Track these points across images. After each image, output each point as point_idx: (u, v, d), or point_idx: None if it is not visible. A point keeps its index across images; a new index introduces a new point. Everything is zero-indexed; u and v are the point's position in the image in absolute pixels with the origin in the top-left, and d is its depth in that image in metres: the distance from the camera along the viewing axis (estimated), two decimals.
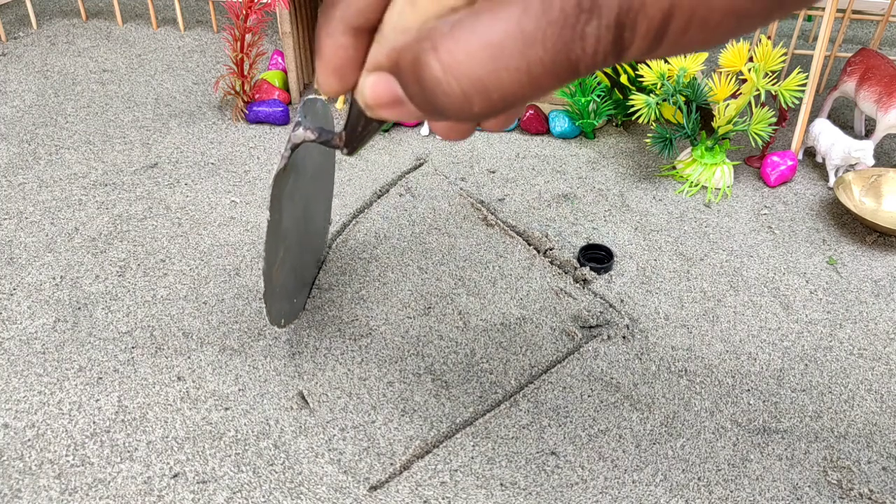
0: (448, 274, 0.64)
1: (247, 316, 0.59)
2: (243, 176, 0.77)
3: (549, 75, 0.17)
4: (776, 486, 0.48)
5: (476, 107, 0.18)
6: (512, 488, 0.47)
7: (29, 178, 0.76)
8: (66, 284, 0.62)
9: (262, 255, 0.50)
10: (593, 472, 0.48)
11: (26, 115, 0.87)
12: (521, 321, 0.60)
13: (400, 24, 0.19)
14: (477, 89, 0.17)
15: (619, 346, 0.58)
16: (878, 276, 0.66)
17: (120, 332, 0.57)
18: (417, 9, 0.19)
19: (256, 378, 0.54)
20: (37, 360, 0.55)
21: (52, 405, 0.51)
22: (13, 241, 0.67)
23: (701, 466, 0.49)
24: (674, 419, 0.52)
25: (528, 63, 0.17)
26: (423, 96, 0.18)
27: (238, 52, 0.83)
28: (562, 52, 0.16)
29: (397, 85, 0.19)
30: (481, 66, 0.17)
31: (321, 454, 0.49)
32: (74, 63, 1.00)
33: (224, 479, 0.47)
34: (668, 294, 0.63)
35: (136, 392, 0.52)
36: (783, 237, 0.71)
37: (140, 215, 0.71)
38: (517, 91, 0.17)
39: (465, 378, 0.55)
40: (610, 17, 0.16)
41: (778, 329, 0.60)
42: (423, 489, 0.47)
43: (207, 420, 0.51)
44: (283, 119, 0.86)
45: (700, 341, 0.59)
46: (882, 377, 0.56)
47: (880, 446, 0.51)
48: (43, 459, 0.48)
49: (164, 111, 0.89)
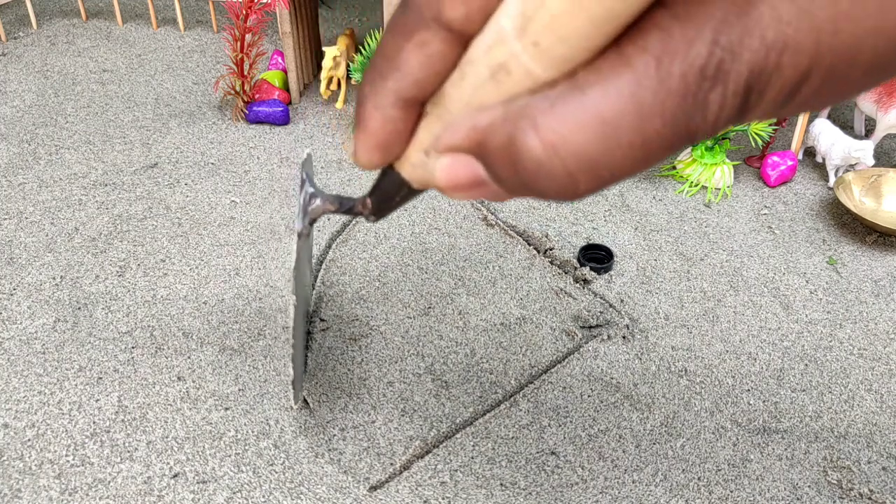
0: (448, 274, 0.64)
1: (247, 316, 0.59)
2: (243, 176, 0.77)
3: (664, 147, 0.16)
4: (776, 486, 0.48)
5: (582, 186, 0.16)
6: (512, 488, 0.47)
7: (29, 178, 0.76)
8: (66, 284, 0.62)
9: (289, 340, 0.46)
10: (593, 472, 0.48)
11: (26, 115, 0.87)
12: (521, 321, 0.60)
13: (475, 100, 0.18)
14: (585, 168, 0.16)
15: (619, 346, 0.58)
16: (878, 276, 0.66)
17: (120, 332, 0.57)
18: (502, 84, 0.17)
19: (256, 378, 0.54)
20: (37, 360, 0.55)
21: (52, 405, 0.51)
22: (13, 241, 0.67)
23: (701, 466, 0.49)
24: (674, 419, 0.52)
25: (644, 137, 0.15)
26: (518, 179, 0.17)
27: (238, 51, 0.83)
28: (681, 122, 0.15)
29: (480, 167, 0.18)
30: (592, 145, 0.15)
31: (321, 454, 0.49)
32: (74, 63, 1.00)
33: (224, 479, 0.47)
34: (668, 294, 0.63)
35: (136, 392, 0.52)
36: (783, 237, 0.71)
37: (140, 215, 0.71)
38: (629, 166, 0.16)
39: (465, 378, 0.55)
40: (738, 83, 0.15)
41: (778, 329, 0.60)
42: (423, 489, 0.47)
43: (207, 420, 0.51)
44: (283, 119, 0.86)
45: (700, 341, 0.59)
46: (882, 377, 0.56)
47: (880, 446, 0.51)
48: (43, 459, 0.48)
49: (164, 111, 0.89)
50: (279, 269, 0.64)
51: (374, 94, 0.19)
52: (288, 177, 0.77)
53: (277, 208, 0.72)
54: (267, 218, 0.71)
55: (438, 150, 0.19)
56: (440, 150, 0.19)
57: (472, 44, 0.18)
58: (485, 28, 0.17)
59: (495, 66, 0.17)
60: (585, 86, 0.15)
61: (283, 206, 0.73)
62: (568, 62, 0.16)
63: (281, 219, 0.71)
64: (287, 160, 0.80)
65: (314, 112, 0.89)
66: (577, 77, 0.16)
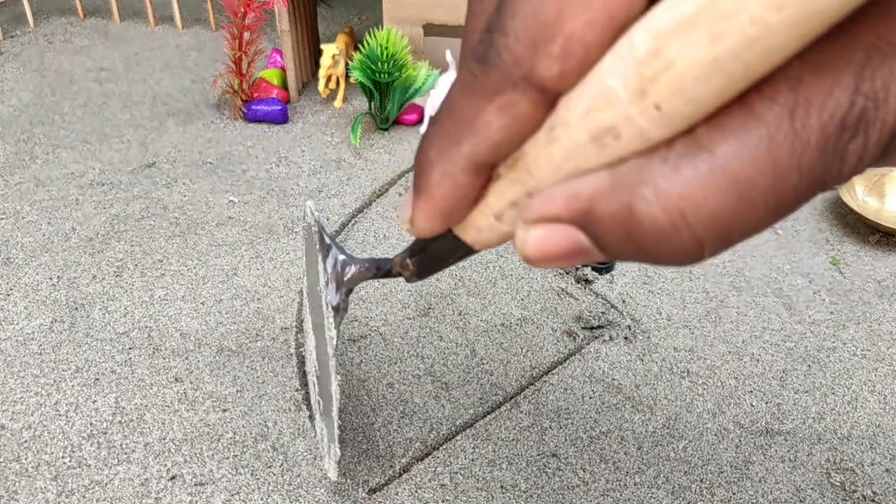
0: (448, 274, 0.64)
1: (245, 317, 0.59)
2: (241, 175, 0.77)
3: (798, 202, 0.15)
4: (779, 488, 0.47)
5: (708, 250, 0.15)
6: (513, 491, 0.47)
7: (26, 177, 0.75)
8: (63, 285, 0.61)
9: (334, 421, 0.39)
10: (594, 475, 0.48)
11: (23, 113, 0.87)
12: (521, 322, 0.59)
13: (569, 164, 0.16)
14: (714, 232, 0.15)
15: (621, 348, 0.57)
16: (882, 277, 0.66)
17: (117, 332, 0.57)
18: (607, 148, 0.15)
19: (255, 379, 0.53)
20: (33, 361, 0.54)
21: (49, 406, 0.51)
22: (10, 241, 0.66)
23: (703, 469, 0.48)
24: (676, 421, 0.52)
25: (779, 194, 0.14)
26: (633, 247, 0.15)
27: (236, 50, 0.83)
28: (818, 175, 0.14)
29: (581, 236, 0.16)
30: (723, 207, 0.14)
31: (320, 456, 0.48)
32: (71, 62, 0.99)
33: (222, 482, 0.46)
34: (670, 294, 0.63)
35: (134, 393, 0.52)
36: (786, 237, 0.71)
37: (137, 215, 0.70)
38: (761, 225, 0.15)
39: (465, 380, 0.54)
40: (883, 132, 0.13)
41: (781, 330, 0.60)
42: (423, 492, 0.46)
43: (205, 422, 0.50)
44: (282, 118, 0.85)
45: (703, 342, 0.58)
46: (886, 378, 0.56)
47: (884, 448, 0.50)
48: (40, 461, 0.47)
49: (161, 110, 0.89)
50: (280, 275, 0.64)
51: (444, 160, 0.18)
52: (287, 176, 0.77)
53: (276, 208, 0.72)
54: (265, 218, 0.70)
55: (528, 221, 0.17)
56: (530, 221, 0.17)
57: (563, 103, 0.16)
58: (580, 87, 0.15)
59: (600, 129, 0.15)
60: (711, 144, 0.14)
61: (281, 205, 0.72)
62: (689, 121, 0.15)
63: (279, 219, 0.70)
64: (286, 159, 0.80)
65: (313, 111, 0.89)
66: (697, 135, 0.14)
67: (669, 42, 0.14)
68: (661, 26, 0.14)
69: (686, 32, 0.13)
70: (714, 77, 0.14)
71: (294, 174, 0.77)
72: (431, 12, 0.84)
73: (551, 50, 0.15)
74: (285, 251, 0.66)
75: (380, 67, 0.78)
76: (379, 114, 0.84)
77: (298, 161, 0.79)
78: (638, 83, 0.14)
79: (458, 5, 0.83)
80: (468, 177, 0.18)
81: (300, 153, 0.81)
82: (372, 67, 0.79)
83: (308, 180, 0.76)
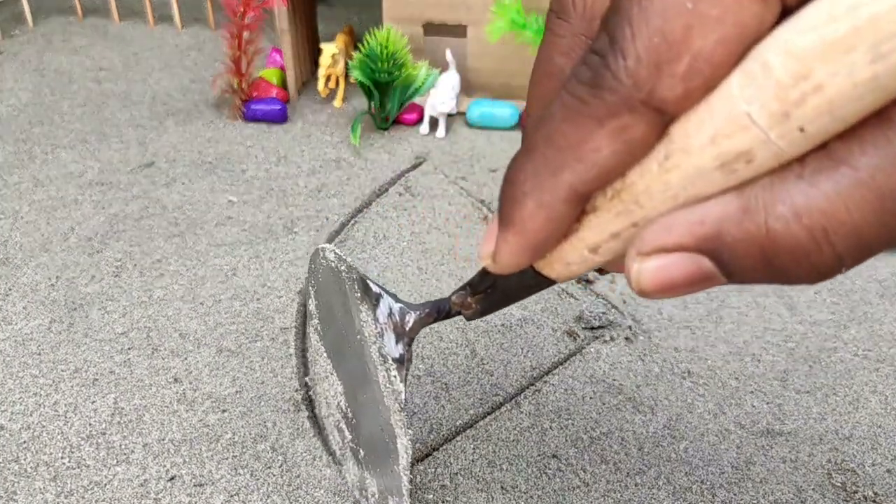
0: (448, 274, 0.64)
1: (244, 317, 0.59)
2: (241, 175, 0.76)
3: None
4: (780, 489, 0.47)
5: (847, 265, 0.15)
6: (513, 492, 0.46)
7: (24, 177, 0.75)
8: (62, 285, 0.61)
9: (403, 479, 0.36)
10: (595, 476, 0.48)
11: (22, 113, 0.86)
12: (522, 322, 0.59)
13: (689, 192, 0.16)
14: (856, 247, 0.14)
15: (622, 348, 0.57)
16: (883, 277, 0.65)
17: (116, 333, 0.57)
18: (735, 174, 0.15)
19: (254, 380, 0.53)
20: (32, 362, 0.54)
21: (48, 407, 0.51)
22: (8, 241, 0.66)
23: (704, 469, 0.48)
24: (677, 421, 0.51)
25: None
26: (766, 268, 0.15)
27: (236, 49, 0.82)
28: None
29: (706, 263, 0.16)
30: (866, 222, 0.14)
31: (319, 457, 0.48)
32: (70, 61, 0.99)
33: (221, 483, 0.46)
34: None
35: (133, 394, 0.52)
36: None
37: (136, 215, 0.70)
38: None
39: (465, 380, 0.54)
40: None
41: (782, 330, 0.59)
42: (423, 493, 0.46)
43: (204, 422, 0.50)
44: (281, 117, 0.85)
45: (704, 342, 0.58)
46: (887, 379, 0.55)
47: (885, 448, 0.50)
48: (38, 462, 0.47)
49: (160, 109, 0.88)
50: (279, 275, 0.64)
51: (540, 190, 0.17)
52: (286, 176, 0.77)
53: (275, 208, 0.71)
54: (264, 217, 0.70)
55: (644, 252, 0.17)
56: (647, 252, 0.17)
57: (678, 129, 0.15)
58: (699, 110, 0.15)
59: (730, 155, 0.15)
60: (850, 158, 0.14)
61: (280, 205, 0.72)
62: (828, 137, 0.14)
63: (279, 219, 0.70)
64: (285, 159, 0.79)
65: (312, 110, 0.89)
66: (832, 149, 0.14)
67: (817, 63, 0.13)
68: (804, 46, 0.13)
69: (840, 54, 0.13)
70: (868, 96, 0.13)
71: (293, 174, 0.77)
72: (431, 11, 0.84)
73: (676, 70, 0.14)
74: (284, 251, 0.66)
75: (379, 67, 0.78)
76: (379, 113, 0.84)
77: (298, 161, 0.79)
78: (780, 106, 0.14)
79: (458, 5, 0.83)
80: (566, 208, 0.17)
81: (300, 153, 0.81)
82: (372, 67, 0.78)
83: (307, 180, 0.76)
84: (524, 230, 0.18)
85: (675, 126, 0.15)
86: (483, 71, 0.87)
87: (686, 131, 0.15)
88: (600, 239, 0.18)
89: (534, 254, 0.19)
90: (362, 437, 0.41)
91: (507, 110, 0.84)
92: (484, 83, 0.88)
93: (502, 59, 0.85)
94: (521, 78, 0.85)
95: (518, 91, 0.87)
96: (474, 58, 0.86)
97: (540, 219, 0.18)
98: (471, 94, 0.89)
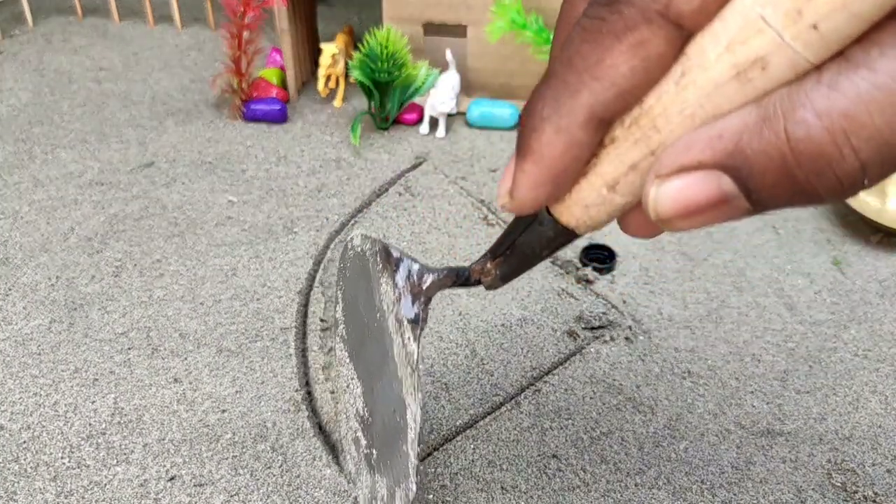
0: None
1: (244, 317, 0.59)
2: (240, 175, 0.76)
3: None
4: (780, 489, 0.47)
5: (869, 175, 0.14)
6: (513, 492, 0.46)
7: (24, 177, 0.75)
8: (62, 285, 0.61)
9: (410, 455, 0.35)
10: (595, 476, 0.48)
11: (22, 113, 0.86)
12: (522, 322, 0.59)
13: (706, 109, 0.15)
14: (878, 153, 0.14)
15: (622, 348, 0.57)
16: (883, 277, 0.65)
17: (116, 333, 0.57)
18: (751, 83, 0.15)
19: (254, 380, 0.53)
20: (32, 362, 0.54)
21: (48, 407, 0.51)
22: (8, 241, 0.66)
23: (704, 469, 0.48)
24: (677, 421, 0.51)
25: None
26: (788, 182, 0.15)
27: (236, 49, 0.82)
28: None
29: (728, 182, 0.15)
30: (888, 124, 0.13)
31: (319, 457, 0.48)
32: (70, 61, 0.99)
33: (221, 483, 0.46)
34: (671, 295, 0.63)
35: (133, 394, 0.52)
36: (787, 237, 0.70)
37: (136, 215, 0.70)
38: None
39: (465, 380, 0.54)
40: None
41: (782, 330, 0.59)
42: (423, 492, 0.46)
43: (204, 422, 0.50)
44: (281, 117, 0.85)
45: (704, 342, 0.58)
46: (887, 378, 0.55)
47: (885, 448, 0.50)
48: (38, 462, 0.47)
49: (160, 109, 0.88)
50: (279, 275, 0.64)
51: (559, 114, 0.16)
52: (286, 175, 0.77)
53: (275, 208, 0.71)
54: (264, 217, 0.70)
55: (663, 174, 0.16)
56: (666, 173, 0.16)
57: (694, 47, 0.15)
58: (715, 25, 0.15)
59: (745, 62, 0.15)
60: (869, 61, 0.13)
61: (280, 205, 0.72)
62: (843, 43, 0.14)
63: (279, 218, 0.70)
64: (285, 159, 0.79)
65: (312, 110, 0.89)
66: (849, 55, 0.14)
67: None
68: None
69: None
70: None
71: (293, 174, 0.77)
72: (431, 11, 0.84)
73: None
74: (284, 251, 0.66)
75: (379, 66, 0.78)
76: (378, 113, 0.84)
77: (298, 161, 0.79)
78: (792, 3, 0.14)
79: (458, 5, 0.83)
80: (586, 133, 0.17)
81: (299, 153, 0.81)
82: (371, 66, 0.78)
83: (307, 180, 0.76)
84: (542, 158, 0.17)
85: (691, 45, 0.15)
86: (483, 71, 0.87)
87: (702, 47, 0.15)
88: (619, 172, 0.18)
89: (552, 188, 0.18)
90: (376, 434, 0.40)
91: (507, 110, 0.84)
92: (484, 83, 0.88)
93: (502, 59, 0.85)
94: (521, 78, 0.85)
95: (518, 91, 0.87)
96: (474, 58, 0.86)
97: (559, 145, 0.17)
98: (471, 94, 0.89)
